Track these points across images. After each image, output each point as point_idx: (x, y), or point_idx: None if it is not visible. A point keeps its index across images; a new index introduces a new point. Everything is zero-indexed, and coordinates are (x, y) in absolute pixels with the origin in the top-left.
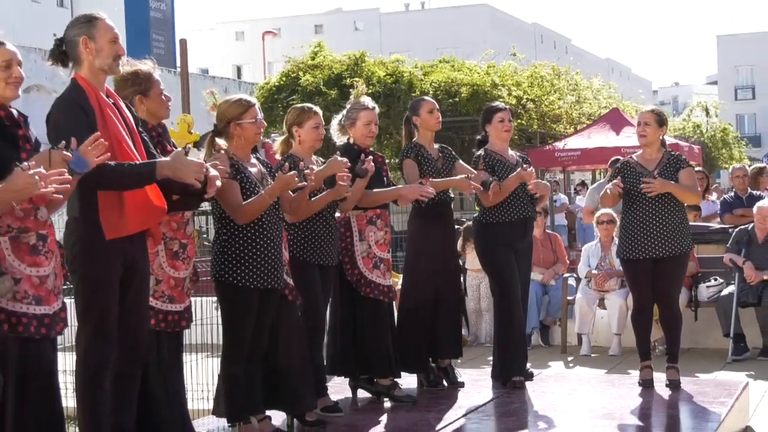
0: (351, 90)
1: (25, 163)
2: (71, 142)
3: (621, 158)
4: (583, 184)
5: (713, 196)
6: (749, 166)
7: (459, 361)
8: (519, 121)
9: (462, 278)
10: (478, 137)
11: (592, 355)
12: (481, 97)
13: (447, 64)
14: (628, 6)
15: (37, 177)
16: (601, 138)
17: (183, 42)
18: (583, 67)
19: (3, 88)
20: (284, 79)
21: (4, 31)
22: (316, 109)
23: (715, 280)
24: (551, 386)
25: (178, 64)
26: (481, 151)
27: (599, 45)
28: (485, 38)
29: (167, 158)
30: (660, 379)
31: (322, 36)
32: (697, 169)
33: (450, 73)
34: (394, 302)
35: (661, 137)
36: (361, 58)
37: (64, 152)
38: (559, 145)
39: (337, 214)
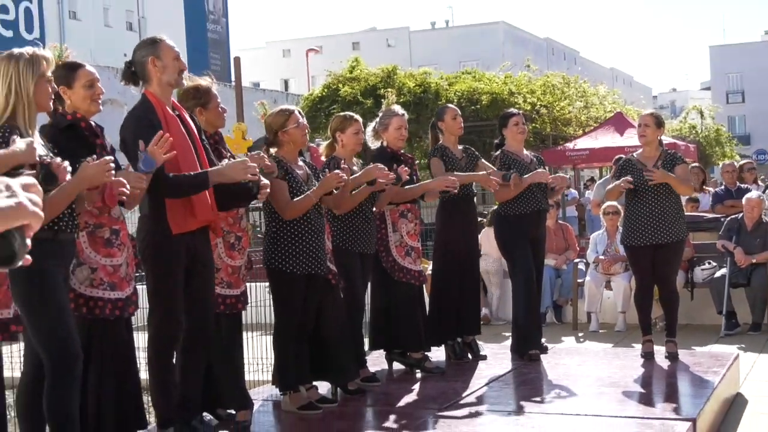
0: (383, 100)
1: (89, 158)
2: (139, 144)
3: (624, 156)
4: (591, 179)
5: (712, 189)
6: (738, 162)
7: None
8: (533, 125)
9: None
10: (496, 141)
11: (600, 331)
12: (499, 104)
13: (469, 75)
14: (630, 20)
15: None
16: (606, 139)
17: (237, 59)
18: (590, 76)
19: (89, 104)
20: (326, 90)
21: (77, 52)
22: (357, 117)
23: (709, 263)
24: (563, 358)
25: (233, 78)
26: (498, 152)
27: (604, 56)
28: (503, 52)
29: (217, 167)
30: (660, 351)
31: (359, 52)
32: (694, 165)
33: (472, 83)
34: (424, 285)
35: (659, 137)
36: (393, 71)
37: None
38: (570, 145)
39: (374, 209)
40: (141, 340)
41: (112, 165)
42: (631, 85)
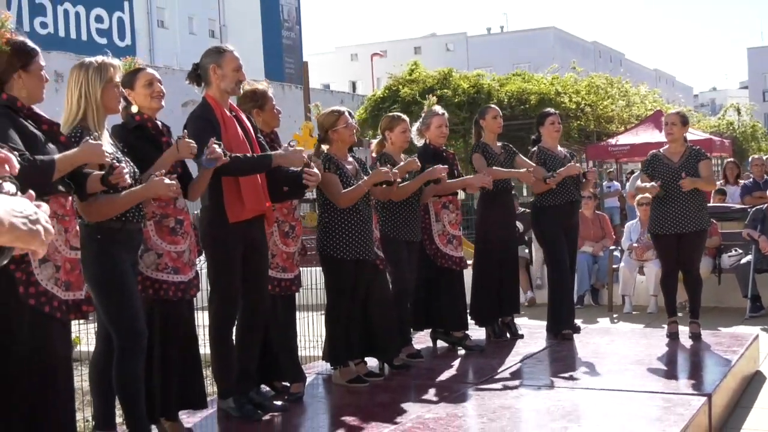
0: (428, 99)
1: (158, 173)
2: (209, 143)
3: (655, 152)
4: (632, 172)
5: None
6: (766, 156)
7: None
8: (578, 122)
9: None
10: (533, 137)
11: (633, 312)
12: (547, 104)
13: (519, 77)
14: (674, 24)
15: (168, 184)
16: (646, 135)
17: (305, 64)
18: (634, 77)
19: (149, 101)
20: (387, 91)
21: (164, 57)
22: (404, 117)
23: (736, 251)
24: (594, 338)
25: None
26: (535, 148)
27: (648, 57)
28: (553, 55)
29: (280, 152)
30: (684, 332)
31: (420, 56)
32: (729, 160)
33: (521, 84)
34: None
35: (684, 134)
36: (449, 73)
37: (191, 142)
38: (612, 141)
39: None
40: (202, 319)
41: (175, 190)
42: (674, 85)
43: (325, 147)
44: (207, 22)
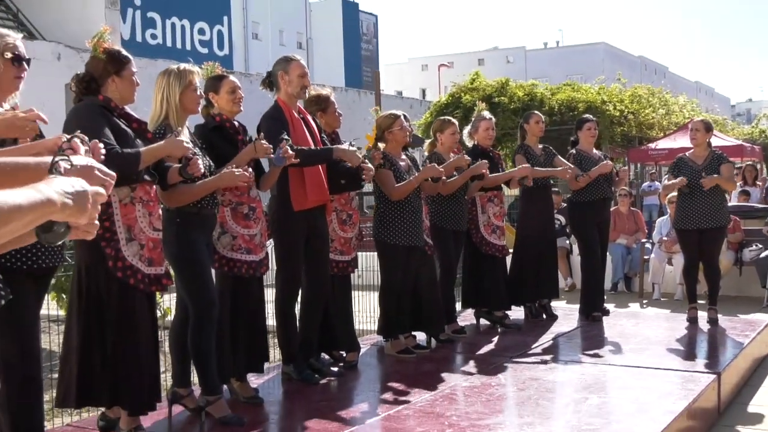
0: (478, 106)
1: (230, 165)
2: (282, 144)
3: (682, 155)
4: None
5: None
6: None
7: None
8: (621, 128)
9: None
10: (572, 139)
11: (662, 299)
12: (593, 111)
13: (569, 86)
14: (715, 39)
15: (238, 174)
16: (684, 140)
17: (376, 74)
18: (676, 89)
19: (231, 106)
20: (450, 98)
21: (218, 65)
22: (454, 120)
23: (756, 246)
24: (621, 321)
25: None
26: (573, 150)
27: (690, 70)
28: (603, 67)
29: (342, 147)
30: (703, 317)
31: (483, 67)
32: (748, 162)
33: (571, 93)
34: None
35: (707, 140)
36: (506, 83)
37: (267, 144)
38: (652, 145)
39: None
40: (270, 294)
41: (246, 179)
42: (713, 96)
43: (381, 145)
44: (295, 35)
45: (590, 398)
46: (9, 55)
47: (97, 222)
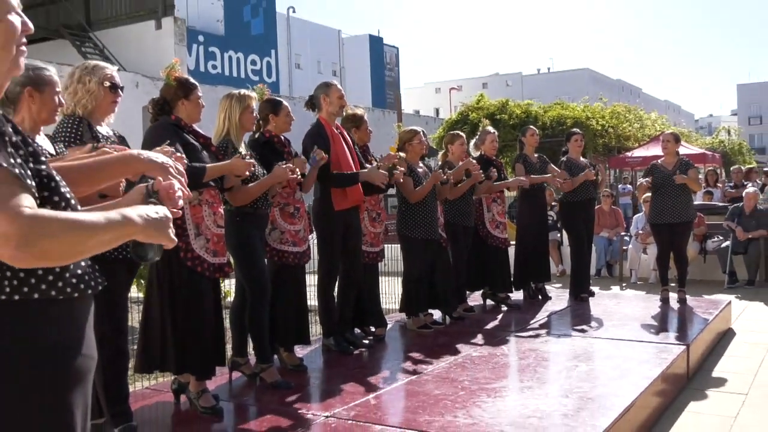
0: (482, 122)
1: (281, 163)
2: (315, 149)
3: (654, 162)
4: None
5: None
6: (746, 167)
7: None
8: (603, 140)
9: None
10: (563, 149)
11: (638, 282)
12: (579, 126)
13: (559, 105)
14: (683, 64)
15: (288, 171)
16: (656, 150)
17: (398, 96)
18: (648, 106)
19: (286, 126)
20: (460, 116)
21: (266, 89)
22: (461, 134)
23: (718, 237)
24: (605, 300)
25: (398, 107)
26: (563, 158)
27: (661, 91)
28: (587, 89)
29: (365, 171)
30: (674, 297)
31: (486, 90)
32: (710, 168)
33: (560, 111)
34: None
35: (676, 149)
36: (506, 103)
37: (303, 158)
38: (629, 154)
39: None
40: (313, 279)
41: (292, 168)
42: (679, 112)
43: (402, 154)
44: (330, 64)
45: (579, 366)
46: (107, 83)
47: (175, 239)
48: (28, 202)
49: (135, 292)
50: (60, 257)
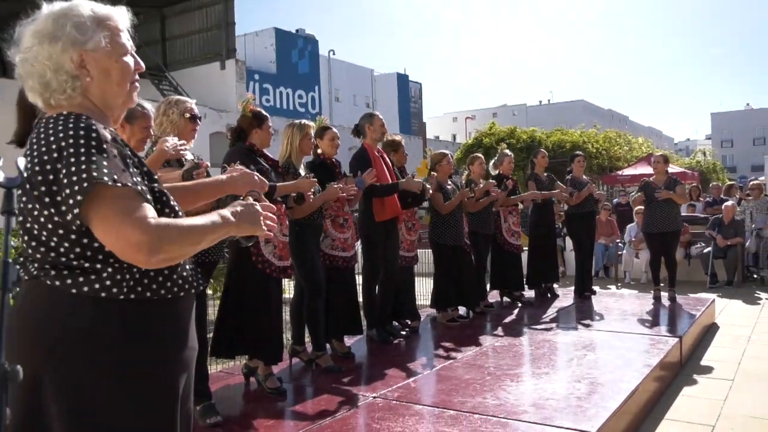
0: (501, 146)
1: (334, 183)
2: (358, 173)
3: (646, 179)
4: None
5: (702, 200)
6: (724, 184)
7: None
8: (597, 160)
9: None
10: (568, 169)
11: (631, 282)
12: (577, 149)
13: (559, 131)
14: (664, 94)
15: (339, 190)
16: (643, 169)
17: (423, 124)
18: (635, 132)
19: (332, 149)
20: (474, 141)
21: (325, 119)
22: (480, 155)
23: (700, 244)
24: (605, 298)
25: (423, 134)
26: (568, 177)
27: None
28: (582, 118)
29: (404, 180)
30: (665, 296)
31: (497, 118)
32: (694, 185)
33: (560, 136)
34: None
35: (666, 169)
36: (514, 129)
37: (354, 178)
38: (620, 172)
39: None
40: (359, 279)
41: (342, 188)
42: (661, 137)
43: (434, 173)
44: (364, 98)
45: (588, 355)
46: (188, 114)
47: (266, 230)
48: (152, 213)
49: (210, 290)
50: (180, 257)
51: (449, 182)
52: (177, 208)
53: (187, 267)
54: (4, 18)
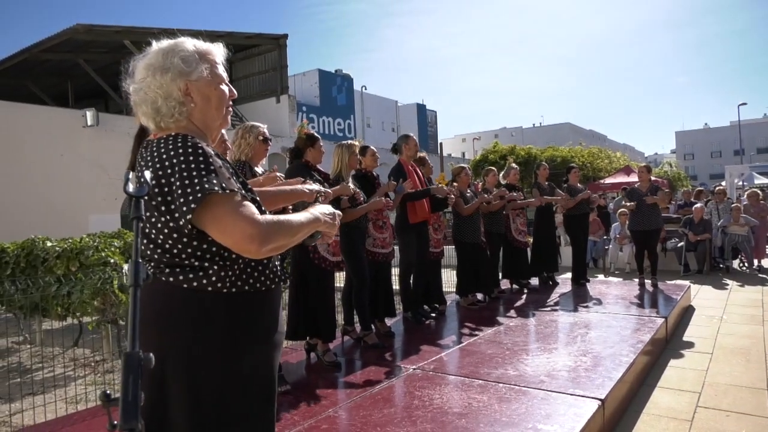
0: (507, 160)
1: (376, 197)
2: (399, 181)
3: (628, 187)
4: (612, 198)
5: (674, 203)
6: (693, 189)
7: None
8: (583, 171)
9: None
10: (564, 178)
11: (616, 272)
12: (566, 162)
13: (551, 148)
14: (638, 114)
15: (381, 202)
16: (620, 178)
17: (441, 144)
18: (613, 148)
19: (373, 163)
20: (481, 157)
21: (360, 141)
22: (494, 168)
23: (675, 239)
24: (598, 285)
25: (439, 152)
26: (565, 185)
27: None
28: (569, 137)
29: (432, 187)
30: (648, 283)
31: (498, 139)
32: (667, 191)
33: (552, 152)
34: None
35: (649, 177)
36: (513, 147)
37: (395, 184)
38: (602, 181)
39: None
40: (394, 271)
41: (386, 203)
42: (633, 151)
43: (456, 184)
44: (390, 124)
45: (589, 333)
46: (261, 137)
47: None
48: (257, 211)
49: None
50: (283, 247)
51: (468, 190)
52: (263, 209)
53: (276, 263)
54: (109, 65)
